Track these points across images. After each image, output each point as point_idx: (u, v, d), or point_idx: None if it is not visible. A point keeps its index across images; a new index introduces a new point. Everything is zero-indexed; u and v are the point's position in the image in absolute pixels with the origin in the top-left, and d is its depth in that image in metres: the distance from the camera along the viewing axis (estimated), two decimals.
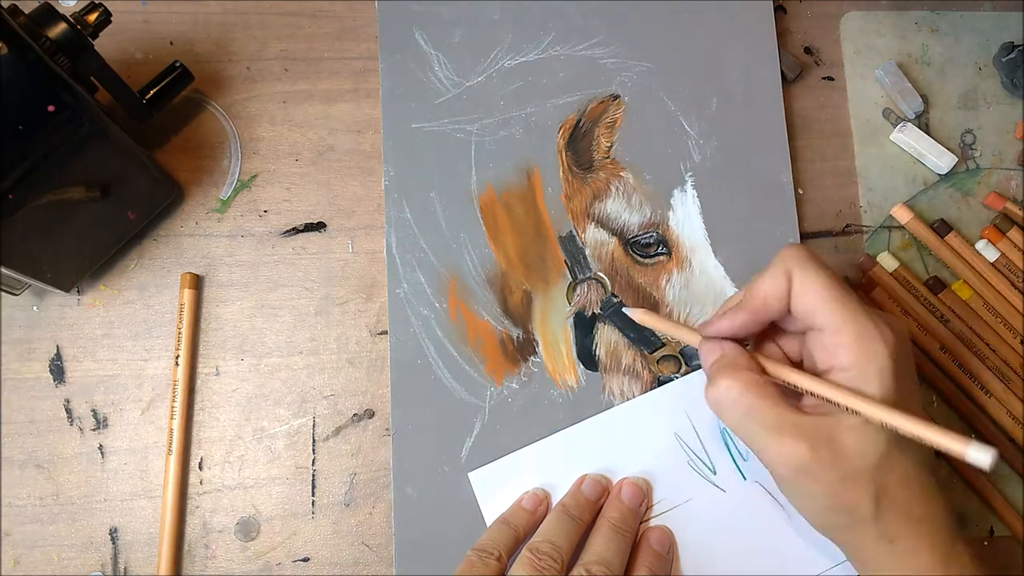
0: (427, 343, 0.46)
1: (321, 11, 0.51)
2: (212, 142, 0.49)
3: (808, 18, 0.55)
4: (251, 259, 0.48)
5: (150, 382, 0.46)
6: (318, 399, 0.47)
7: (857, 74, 0.54)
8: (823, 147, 0.53)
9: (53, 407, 0.46)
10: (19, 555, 0.44)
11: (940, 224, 0.51)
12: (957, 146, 0.54)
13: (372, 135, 0.50)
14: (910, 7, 0.55)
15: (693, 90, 0.51)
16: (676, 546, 0.44)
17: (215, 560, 0.45)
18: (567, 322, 0.48)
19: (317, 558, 0.45)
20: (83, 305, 0.47)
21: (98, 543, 0.44)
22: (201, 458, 0.46)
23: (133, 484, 0.45)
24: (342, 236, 0.49)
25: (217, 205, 0.49)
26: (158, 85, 0.45)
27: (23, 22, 0.38)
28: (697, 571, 0.44)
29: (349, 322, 0.48)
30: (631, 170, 0.50)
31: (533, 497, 0.44)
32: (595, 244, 0.49)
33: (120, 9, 0.48)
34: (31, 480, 0.45)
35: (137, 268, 0.48)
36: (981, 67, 0.55)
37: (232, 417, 0.46)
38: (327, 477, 0.46)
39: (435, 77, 0.50)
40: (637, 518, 0.44)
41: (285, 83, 0.50)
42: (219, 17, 0.50)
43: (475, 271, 0.48)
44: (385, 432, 0.47)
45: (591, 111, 0.50)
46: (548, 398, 0.47)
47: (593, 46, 0.51)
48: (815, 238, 0.51)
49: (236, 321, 0.47)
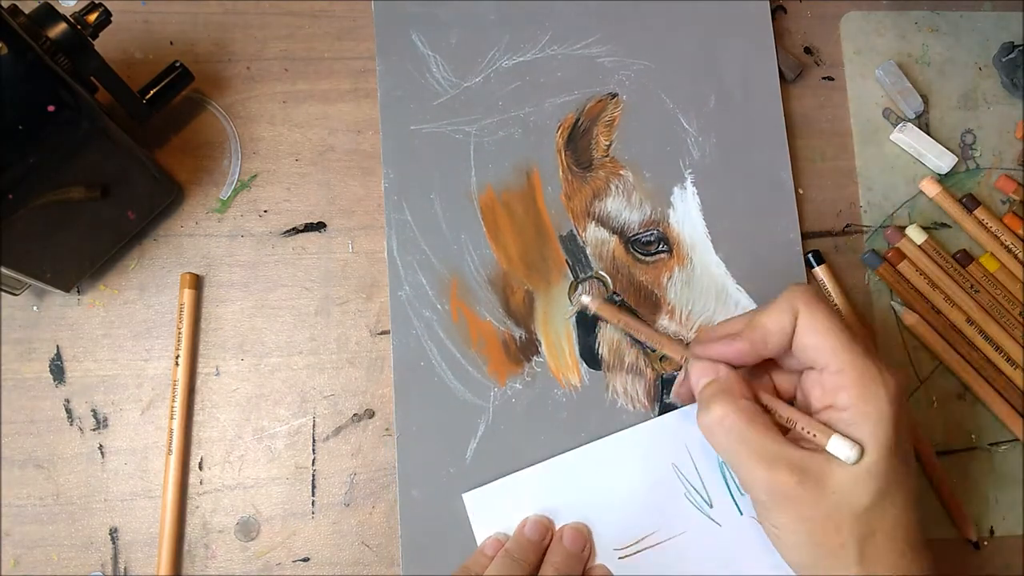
0: (430, 345, 0.46)
1: (321, 11, 0.51)
2: (212, 142, 0.49)
3: (808, 18, 0.55)
4: (251, 259, 0.48)
5: (150, 382, 0.46)
6: (318, 399, 0.47)
7: (857, 74, 0.54)
8: (823, 147, 0.53)
9: (53, 407, 0.46)
10: (19, 555, 0.44)
11: (968, 198, 0.52)
12: (957, 146, 0.54)
13: (372, 135, 0.50)
14: (910, 7, 0.56)
15: (691, 87, 0.51)
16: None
17: (215, 560, 0.45)
18: (569, 321, 0.48)
19: (317, 558, 0.45)
20: (83, 305, 0.47)
21: (98, 543, 0.44)
22: (201, 458, 0.46)
23: (133, 484, 0.45)
24: (342, 236, 0.49)
25: (217, 205, 0.49)
26: (158, 85, 0.45)
27: (23, 22, 0.38)
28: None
29: (349, 322, 0.48)
30: (631, 168, 0.50)
31: (538, 525, 0.44)
32: (596, 243, 0.49)
33: (120, 9, 0.48)
34: (31, 480, 0.45)
35: (137, 268, 0.48)
36: (981, 67, 0.55)
37: (232, 417, 0.46)
38: (327, 477, 0.46)
39: (433, 79, 0.50)
40: (581, 562, 0.43)
41: (285, 83, 0.50)
42: (219, 17, 0.50)
43: (476, 272, 0.48)
44: (385, 432, 0.47)
45: (590, 110, 0.50)
46: (552, 398, 0.47)
47: (591, 45, 0.51)
48: (815, 238, 0.51)
49: (236, 321, 0.47)
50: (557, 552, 0.43)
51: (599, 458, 0.46)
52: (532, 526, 0.44)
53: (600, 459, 0.46)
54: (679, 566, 0.44)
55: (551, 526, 0.44)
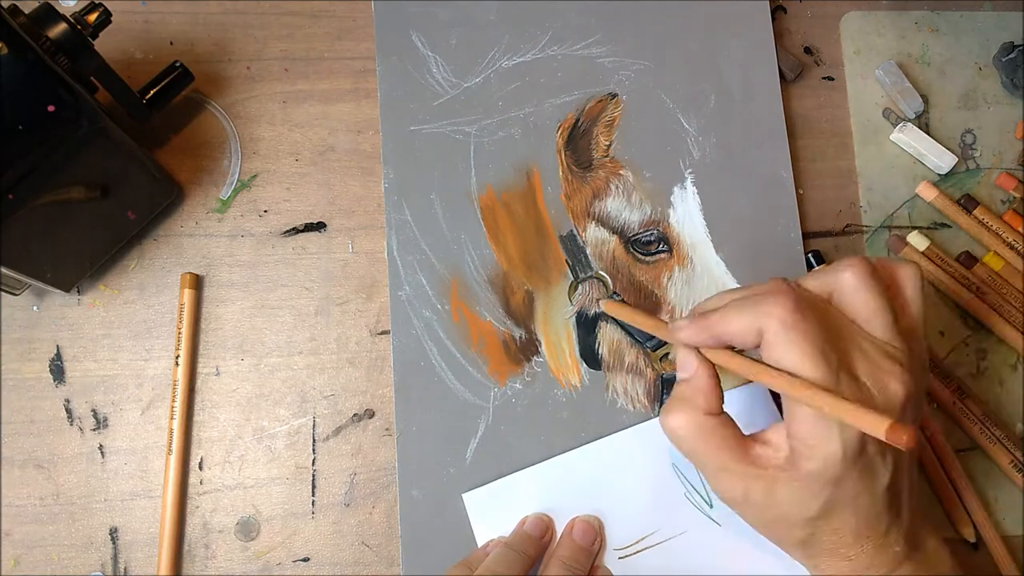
0: (430, 345, 0.46)
1: (321, 11, 0.51)
2: (212, 142, 0.49)
3: (808, 18, 0.55)
4: (251, 259, 0.48)
5: (150, 382, 0.46)
6: (318, 399, 0.47)
7: (857, 74, 0.54)
8: (823, 147, 0.53)
9: (53, 407, 0.45)
10: (19, 555, 0.44)
11: (967, 199, 0.52)
12: (957, 146, 0.54)
13: (372, 135, 0.50)
14: (910, 7, 0.56)
15: (691, 87, 0.51)
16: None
17: (215, 560, 0.45)
18: (569, 321, 0.48)
19: (317, 558, 0.45)
20: (83, 305, 0.47)
21: (98, 543, 0.44)
22: (201, 458, 0.46)
23: (133, 484, 0.45)
24: (342, 236, 0.49)
25: (217, 205, 0.49)
26: (158, 85, 0.45)
27: (23, 22, 0.38)
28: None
29: (349, 322, 0.48)
30: (630, 168, 0.50)
31: (538, 522, 0.44)
32: (596, 243, 0.49)
33: (120, 9, 0.48)
34: (31, 480, 0.45)
35: (137, 268, 0.48)
36: (981, 67, 0.55)
37: (232, 417, 0.46)
38: (327, 477, 0.46)
39: (433, 79, 0.50)
40: (589, 557, 0.43)
41: (285, 83, 0.50)
42: (219, 17, 0.50)
43: (476, 272, 0.48)
44: (385, 432, 0.47)
45: (589, 110, 0.50)
46: (552, 398, 0.47)
47: (590, 45, 0.51)
48: (815, 238, 0.51)
49: (236, 321, 0.47)
50: (565, 545, 0.43)
51: (599, 458, 0.46)
52: (532, 523, 0.44)
53: (600, 459, 0.46)
54: (679, 566, 0.44)
55: (551, 524, 0.44)
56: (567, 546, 0.43)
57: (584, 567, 0.42)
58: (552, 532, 0.44)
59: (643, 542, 0.45)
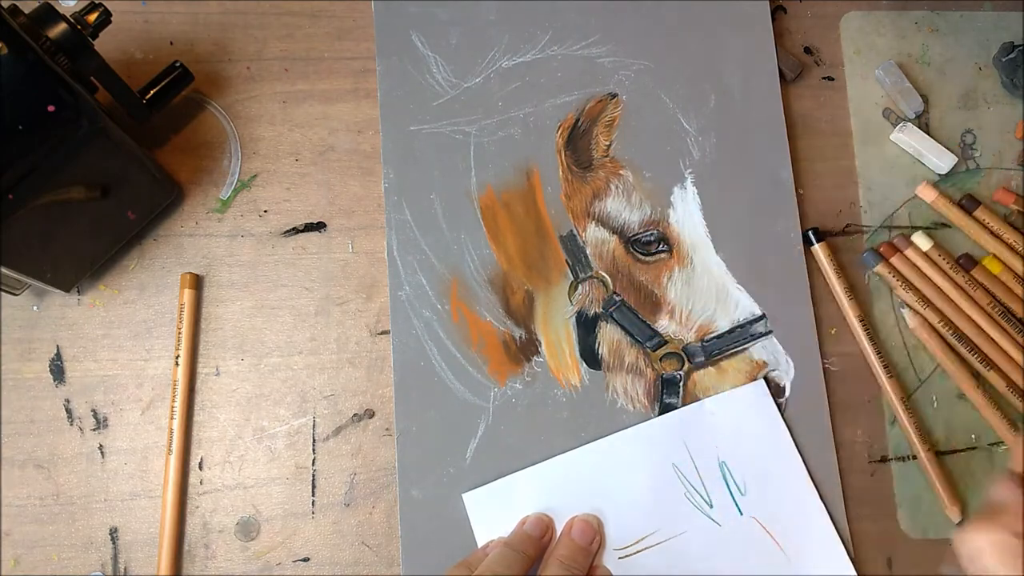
0: (430, 345, 0.46)
1: (321, 11, 0.51)
2: (212, 142, 0.49)
3: (808, 18, 0.55)
4: (251, 259, 0.48)
5: (150, 382, 0.46)
6: (318, 399, 0.47)
7: (857, 74, 0.54)
8: (823, 147, 0.53)
9: (53, 407, 0.46)
10: (19, 555, 0.44)
11: (968, 199, 0.52)
12: (957, 146, 0.54)
13: (372, 135, 0.50)
14: (910, 7, 0.56)
15: (691, 87, 0.51)
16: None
17: (215, 560, 0.45)
18: (569, 321, 0.48)
19: (317, 558, 0.45)
20: (83, 305, 0.47)
21: (98, 543, 0.44)
22: (201, 458, 0.46)
23: (133, 484, 0.45)
24: (342, 236, 0.49)
25: (217, 205, 0.49)
26: (158, 85, 0.45)
27: (23, 22, 0.38)
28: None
29: (349, 322, 0.48)
30: (630, 168, 0.50)
31: (538, 522, 0.44)
32: (596, 243, 0.49)
33: (120, 9, 0.48)
34: (31, 480, 0.45)
35: (137, 268, 0.48)
36: (981, 67, 0.55)
37: (232, 417, 0.46)
38: (327, 477, 0.46)
39: (433, 79, 0.50)
40: (588, 556, 0.43)
41: (285, 83, 0.50)
42: (219, 17, 0.51)
43: (476, 272, 0.48)
44: (385, 432, 0.47)
45: (589, 110, 0.50)
46: (552, 398, 0.47)
47: (590, 45, 0.51)
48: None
49: (236, 321, 0.47)
50: (564, 545, 0.43)
51: (599, 458, 0.46)
52: (532, 523, 0.44)
53: (600, 459, 0.46)
54: (679, 566, 0.44)
55: (551, 524, 0.44)
56: (566, 545, 0.43)
57: (583, 567, 0.42)
58: (552, 532, 0.44)
59: (643, 542, 0.45)
